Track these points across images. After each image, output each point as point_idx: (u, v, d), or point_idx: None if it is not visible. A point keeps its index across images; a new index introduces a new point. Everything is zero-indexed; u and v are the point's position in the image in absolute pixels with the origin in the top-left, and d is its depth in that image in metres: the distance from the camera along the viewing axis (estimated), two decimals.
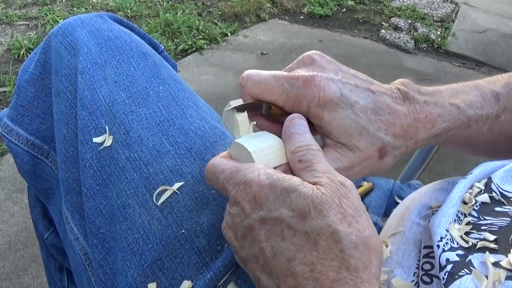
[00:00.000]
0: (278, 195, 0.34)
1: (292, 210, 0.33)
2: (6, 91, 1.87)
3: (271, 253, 0.34)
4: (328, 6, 3.10)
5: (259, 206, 0.35)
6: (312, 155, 0.37)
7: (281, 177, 0.35)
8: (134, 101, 0.55)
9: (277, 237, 0.34)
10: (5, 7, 2.45)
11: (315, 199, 0.33)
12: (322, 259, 0.32)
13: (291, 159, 0.38)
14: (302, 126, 0.40)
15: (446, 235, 0.42)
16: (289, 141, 0.39)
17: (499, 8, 3.60)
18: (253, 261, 0.35)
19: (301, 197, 0.33)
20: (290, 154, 0.39)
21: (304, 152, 0.38)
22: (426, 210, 0.51)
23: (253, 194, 0.35)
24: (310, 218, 0.33)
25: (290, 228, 0.33)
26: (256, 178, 0.36)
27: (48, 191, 0.68)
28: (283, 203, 0.34)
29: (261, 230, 0.34)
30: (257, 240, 0.35)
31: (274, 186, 0.35)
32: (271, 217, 0.34)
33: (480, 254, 0.40)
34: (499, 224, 0.42)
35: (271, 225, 0.34)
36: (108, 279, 0.52)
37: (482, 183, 0.47)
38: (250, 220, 0.35)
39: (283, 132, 0.40)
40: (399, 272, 0.46)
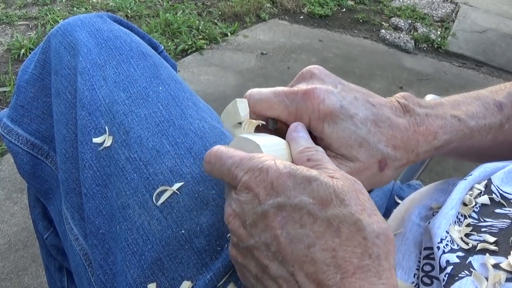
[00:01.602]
0: (298, 183, 0.34)
1: (314, 198, 0.33)
2: (6, 91, 1.87)
3: (287, 240, 0.33)
4: (328, 6, 3.10)
5: (276, 193, 0.34)
6: (321, 155, 0.38)
7: (300, 167, 0.35)
8: (134, 102, 0.55)
9: (295, 223, 0.33)
10: (5, 7, 2.45)
11: (336, 188, 0.33)
12: (345, 246, 0.32)
13: (299, 158, 0.38)
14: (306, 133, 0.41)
15: (446, 237, 0.42)
16: (296, 143, 0.40)
17: (499, 8, 3.60)
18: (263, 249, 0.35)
19: (323, 185, 0.33)
20: (297, 153, 0.39)
21: (313, 152, 0.38)
22: (426, 211, 0.51)
23: (270, 180, 0.35)
24: (333, 206, 0.33)
25: (310, 214, 0.33)
26: (273, 165, 0.35)
27: (48, 192, 0.68)
28: (304, 191, 0.34)
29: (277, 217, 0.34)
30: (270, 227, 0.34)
31: (294, 174, 0.34)
32: (290, 203, 0.34)
33: (480, 256, 0.40)
34: (499, 226, 0.42)
35: (289, 211, 0.34)
36: (108, 280, 0.52)
37: (482, 184, 0.47)
38: (265, 206, 0.34)
39: (288, 135, 0.41)
40: (399, 273, 0.46)
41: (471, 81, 2.64)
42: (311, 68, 0.46)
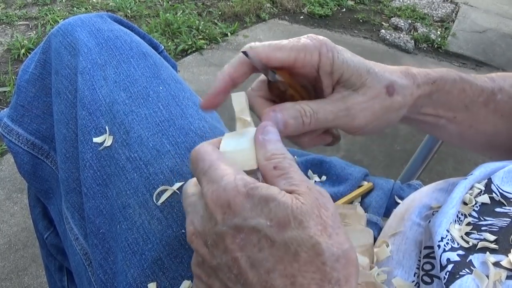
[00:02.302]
0: (256, 204, 0.32)
1: (271, 219, 0.32)
2: (6, 91, 1.87)
3: (247, 264, 0.32)
4: (328, 6, 3.10)
5: (232, 214, 0.33)
6: (289, 163, 0.36)
7: (259, 185, 0.33)
8: (134, 101, 0.55)
9: (253, 246, 0.32)
10: (5, 7, 2.45)
11: (295, 209, 0.32)
12: (304, 272, 0.31)
13: (265, 166, 0.36)
14: (275, 135, 0.39)
15: (447, 235, 0.43)
16: (262, 148, 0.37)
17: (499, 8, 3.60)
18: (226, 270, 0.33)
19: (280, 206, 0.32)
20: (264, 160, 0.37)
21: (280, 159, 0.36)
22: (426, 210, 0.51)
23: (227, 199, 0.33)
24: (290, 229, 0.31)
25: (267, 238, 0.32)
26: (232, 182, 0.33)
27: (48, 191, 0.68)
28: (261, 213, 0.32)
29: (235, 239, 0.32)
30: (230, 249, 0.33)
31: (252, 194, 0.33)
32: (247, 226, 0.32)
33: (481, 254, 0.40)
34: (499, 224, 0.42)
35: (247, 234, 0.32)
36: (108, 279, 0.52)
37: (482, 184, 0.47)
38: (222, 227, 0.33)
39: (256, 139, 0.39)
40: (399, 272, 0.46)
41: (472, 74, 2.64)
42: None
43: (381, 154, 1.88)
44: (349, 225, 0.51)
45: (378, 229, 0.58)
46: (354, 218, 0.51)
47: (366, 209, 0.63)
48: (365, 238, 0.48)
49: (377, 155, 1.87)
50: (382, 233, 0.52)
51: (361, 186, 0.69)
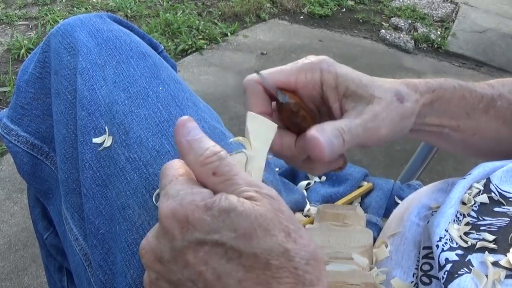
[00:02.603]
0: (216, 216, 0.31)
1: (235, 231, 0.31)
2: (6, 91, 1.87)
3: (214, 276, 0.31)
4: (328, 6, 3.10)
5: (192, 228, 0.31)
6: (227, 165, 0.34)
7: (216, 197, 0.32)
8: (134, 102, 0.55)
9: (220, 258, 0.31)
10: (5, 7, 2.45)
11: (258, 216, 0.31)
12: (277, 278, 0.31)
13: (202, 172, 0.34)
14: (197, 129, 0.36)
15: (445, 235, 0.43)
16: (190, 153, 0.35)
17: (499, 8, 3.60)
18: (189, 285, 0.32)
19: (243, 216, 0.31)
20: (200, 166, 0.34)
21: (216, 163, 0.34)
22: (425, 210, 0.51)
23: (185, 213, 0.32)
24: (257, 238, 0.31)
25: (234, 250, 0.31)
26: (189, 196, 0.32)
27: (47, 192, 0.68)
28: (223, 224, 0.31)
29: (198, 253, 0.31)
30: (192, 263, 0.31)
31: (211, 207, 0.32)
32: (210, 239, 0.31)
33: (480, 254, 0.40)
34: (498, 224, 0.42)
35: (211, 247, 0.31)
36: (108, 280, 0.52)
37: (481, 183, 0.47)
38: (182, 242, 0.32)
39: (178, 144, 0.35)
40: (398, 272, 0.46)
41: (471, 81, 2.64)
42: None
43: (381, 154, 1.88)
44: (348, 225, 0.51)
45: (378, 230, 0.58)
46: (354, 218, 0.51)
47: (366, 210, 0.63)
48: (364, 239, 0.49)
49: (377, 155, 1.87)
50: (381, 233, 0.52)
51: (361, 186, 0.69)
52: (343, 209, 0.52)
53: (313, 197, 0.66)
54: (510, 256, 0.38)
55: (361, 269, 0.45)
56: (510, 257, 0.38)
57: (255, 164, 0.38)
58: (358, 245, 0.48)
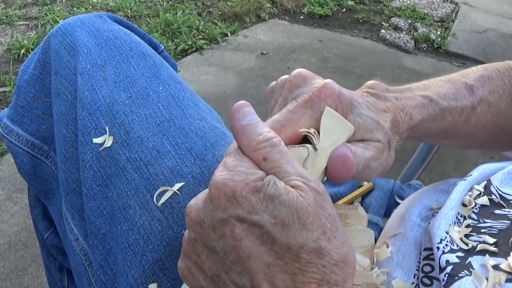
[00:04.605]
0: (261, 200, 0.32)
1: (275, 217, 0.32)
2: (6, 91, 1.87)
3: (245, 253, 0.32)
4: (328, 6, 3.10)
5: (237, 204, 0.32)
6: (278, 152, 0.34)
7: (266, 180, 0.33)
8: (134, 102, 0.55)
9: (255, 239, 0.32)
10: (5, 7, 2.45)
11: (299, 209, 0.32)
12: (304, 271, 0.32)
13: (253, 157, 0.34)
14: (253, 115, 0.36)
15: (446, 237, 0.43)
16: (243, 137, 0.35)
17: (499, 8, 3.60)
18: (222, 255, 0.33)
19: (285, 205, 0.32)
20: (251, 151, 0.34)
21: (268, 148, 0.34)
22: (426, 211, 0.51)
23: (233, 188, 0.33)
24: (294, 230, 0.31)
25: (270, 235, 0.32)
26: (243, 174, 0.33)
27: (48, 192, 0.68)
28: (266, 208, 0.32)
29: (236, 228, 0.32)
30: (229, 236, 0.32)
31: (259, 189, 0.32)
32: (250, 219, 0.32)
33: (480, 256, 0.40)
34: (499, 227, 0.42)
35: (249, 226, 0.32)
36: (109, 280, 0.52)
37: (482, 185, 0.47)
38: (223, 214, 0.33)
39: (232, 128, 0.36)
40: (399, 273, 0.46)
41: None
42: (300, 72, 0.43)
43: None
44: (350, 225, 0.51)
45: (379, 230, 0.58)
46: (356, 218, 0.51)
47: (367, 209, 0.63)
48: (366, 239, 0.48)
49: None
50: (382, 233, 0.52)
51: (361, 186, 0.69)
52: (344, 208, 0.52)
53: None
54: (510, 260, 0.38)
55: (363, 269, 0.45)
56: (511, 260, 0.38)
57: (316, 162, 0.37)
58: (360, 245, 0.48)
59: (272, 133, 0.35)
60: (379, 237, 0.52)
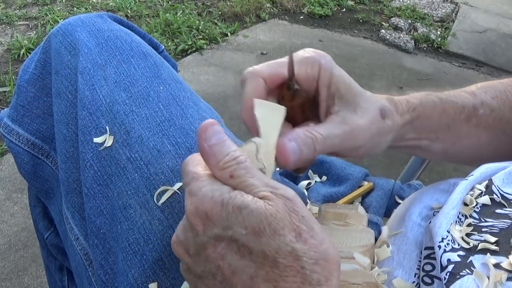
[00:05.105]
0: (230, 213, 0.33)
1: (246, 227, 0.32)
2: (6, 91, 1.87)
3: (229, 271, 0.33)
4: (328, 6, 3.10)
5: (212, 224, 0.33)
6: (244, 168, 0.35)
7: (234, 193, 0.33)
8: (135, 101, 0.55)
9: (235, 254, 0.33)
10: (5, 7, 2.45)
11: (268, 215, 0.32)
12: (284, 276, 0.32)
13: (221, 176, 0.35)
14: (219, 134, 0.36)
15: (447, 236, 0.43)
16: (212, 157, 0.36)
17: (499, 8, 3.60)
18: (210, 278, 0.34)
19: (253, 214, 0.32)
20: (219, 171, 0.35)
21: (234, 166, 0.35)
22: (427, 211, 0.51)
23: (205, 210, 0.33)
24: (266, 237, 0.32)
25: (246, 246, 0.32)
26: (209, 193, 0.34)
27: (48, 191, 0.68)
28: (236, 221, 0.32)
29: (217, 248, 0.33)
30: (212, 258, 0.33)
31: (227, 203, 0.33)
32: (226, 235, 0.33)
33: (481, 255, 0.40)
34: (500, 226, 0.42)
35: (227, 243, 0.33)
36: (109, 279, 0.52)
37: (483, 185, 0.47)
38: (203, 238, 0.34)
39: (200, 148, 0.37)
40: (400, 272, 0.46)
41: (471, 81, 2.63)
42: None
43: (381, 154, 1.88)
44: (350, 225, 0.51)
45: (379, 229, 0.58)
46: (356, 218, 0.51)
47: (367, 209, 0.63)
48: (366, 239, 0.48)
49: (377, 155, 1.87)
50: (382, 233, 0.52)
51: (361, 186, 0.69)
52: (344, 208, 0.52)
53: (314, 197, 0.66)
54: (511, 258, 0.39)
55: (363, 268, 0.45)
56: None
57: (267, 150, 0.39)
58: (360, 245, 0.48)
59: (238, 152, 0.36)
60: (380, 237, 0.52)
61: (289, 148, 0.40)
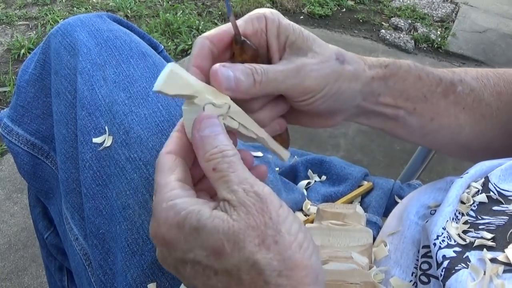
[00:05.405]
0: (188, 235, 0.32)
1: (206, 249, 0.31)
2: (6, 91, 1.87)
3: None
4: (328, 6, 3.10)
5: (172, 248, 0.33)
6: (227, 162, 0.34)
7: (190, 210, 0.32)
8: (134, 101, 0.55)
9: (202, 276, 0.32)
10: (5, 7, 2.45)
11: (226, 231, 0.31)
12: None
13: (205, 167, 0.35)
14: (215, 126, 0.36)
15: (443, 233, 0.43)
16: (201, 148, 0.35)
17: (499, 8, 3.60)
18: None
19: (211, 233, 0.31)
20: (204, 162, 0.35)
21: (218, 159, 0.34)
22: (424, 209, 0.51)
23: (162, 235, 0.33)
24: (226, 255, 0.31)
25: (209, 267, 0.32)
26: (163, 216, 0.33)
27: (48, 191, 0.68)
28: (195, 243, 0.32)
29: (185, 269, 0.33)
30: (186, 277, 0.33)
31: (183, 225, 0.32)
32: (188, 258, 0.32)
33: (478, 251, 0.40)
34: (497, 223, 0.42)
35: (191, 265, 0.32)
36: (108, 279, 0.52)
37: (480, 183, 0.47)
38: (171, 260, 0.34)
39: (192, 138, 0.36)
40: (397, 271, 0.46)
41: None
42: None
43: (381, 154, 1.88)
44: (349, 225, 0.51)
45: (378, 229, 0.58)
46: (354, 218, 0.51)
47: (366, 209, 0.63)
48: (364, 238, 0.49)
49: (377, 155, 1.87)
50: (380, 232, 0.52)
51: (361, 186, 0.69)
52: (343, 208, 0.52)
53: (313, 197, 0.66)
54: (507, 251, 0.38)
55: (361, 268, 0.45)
56: (508, 252, 0.38)
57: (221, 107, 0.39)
58: (358, 244, 0.48)
59: (228, 146, 0.35)
60: (378, 236, 0.52)
61: (223, 72, 0.39)
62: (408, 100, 0.48)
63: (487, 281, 0.37)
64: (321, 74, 0.42)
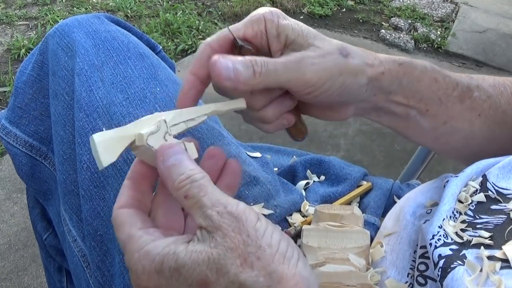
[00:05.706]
0: (169, 277, 0.32)
1: (191, 285, 0.31)
2: (6, 91, 1.87)
3: None
4: (328, 6, 3.10)
5: None
6: (197, 187, 0.34)
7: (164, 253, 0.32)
8: (131, 103, 0.55)
9: None
10: (5, 7, 2.45)
11: (206, 261, 0.31)
12: None
13: (178, 196, 0.35)
14: (178, 154, 0.36)
15: (439, 232, 0.42)
16: (169, 178, 0.35)
17: (499, 8, 3.59)
18: None
19: (193, 267, 0.31)
20: (175, 191, 0.35)
21: (187, 186, 0.34)
22: (420, 209, 0.50)
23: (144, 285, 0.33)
24: (212, 284, 0.31)
25: None
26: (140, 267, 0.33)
27: (46, 192, 0.68)
28: (178, 283, 0.31)
29: None
30: None
31: (161, 269, 0.32)
32: None
33: (475, 249, 0.40)
34: (495, 222, 0.41)
35: None
36: (106, 281, 0.52)
37: (478, 182, 0.46)
38: None
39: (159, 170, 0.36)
40: (393, 272, 0.46)
41: None
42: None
43: (381, 154, 1.88)
44: (346, 226, 0.51)
45: (376, 230, 0.58)
46: (351, 219, 0.51)
47: (365, 209, 0.63)
48: (361, 240, 0.48)
49: (377, 155, 1.87)
50: (378, 233, 0.52)
51: (360, 186, 0.68)
52: (340, 209, 0.52)
53: (312, 197, 0.66)
54: (505, 248, 0.38)
55: (358, 270, 0.45)
56: (505, 249, 0.38)
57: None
58: (355, 246, 0.48)
59: (195, 170, 0.35)
60: (375, 237, 0.52)
61: (222, 62, 0.39)
62: (422, 101, 0.48)
63: (484, 277, 0.37)
64: (322, 67, 0.42)
